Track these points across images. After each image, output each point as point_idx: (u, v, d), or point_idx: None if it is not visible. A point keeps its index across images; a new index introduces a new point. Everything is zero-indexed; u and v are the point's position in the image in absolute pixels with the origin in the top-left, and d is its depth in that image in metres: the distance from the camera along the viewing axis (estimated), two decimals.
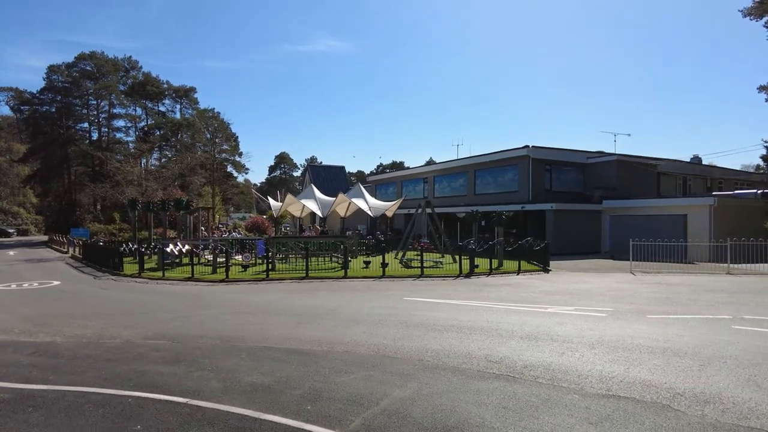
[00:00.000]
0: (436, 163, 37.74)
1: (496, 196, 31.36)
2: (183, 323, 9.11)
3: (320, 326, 8.64)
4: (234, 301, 11.85)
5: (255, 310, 10.44)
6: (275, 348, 7.13)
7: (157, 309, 10.82)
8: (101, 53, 50.66)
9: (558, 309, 10.23)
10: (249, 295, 13.06)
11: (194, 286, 15.26)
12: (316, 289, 14.11)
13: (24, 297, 13.05)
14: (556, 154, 30.43)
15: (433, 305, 10.83)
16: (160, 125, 52.86)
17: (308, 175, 57.33)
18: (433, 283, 15.03)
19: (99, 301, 12.16)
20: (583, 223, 28.11)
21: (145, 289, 14.69)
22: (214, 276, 17.05)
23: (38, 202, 60.51)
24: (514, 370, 6.01)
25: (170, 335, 8.06)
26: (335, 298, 12.18)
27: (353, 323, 8.86)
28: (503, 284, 14.63)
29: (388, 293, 12.86)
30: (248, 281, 16.05)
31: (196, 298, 12.41)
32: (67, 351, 7.08)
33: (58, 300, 12.43)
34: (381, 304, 10.97)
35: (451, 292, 12.92)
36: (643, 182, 31.44)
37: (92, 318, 9.78)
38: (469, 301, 11.43)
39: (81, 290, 14.43)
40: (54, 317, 9.93)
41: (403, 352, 6.86)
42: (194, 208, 24.39)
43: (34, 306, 11.45)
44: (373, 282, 15.53)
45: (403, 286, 14.48)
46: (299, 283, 15.66)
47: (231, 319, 9.41)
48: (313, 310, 10.36)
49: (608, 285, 14.30)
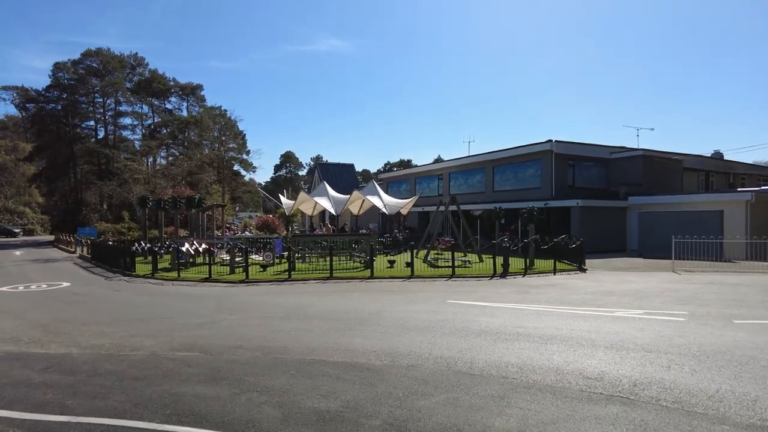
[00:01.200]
0: (451, 160, 36.62)
1: (516, 193, 30.27)
2: (211, 330, 8.11)
3: (367, 334, 7.62)
4: (261, 304, 10.84)
5: (287, 315, 9.43)
6: (326, 362, 6.11)
7: (179, 313, 9.83)
8: (107, 50, 49.84)
9: (626, 313, 9.17)
10: (274, 297, 12.06)
11: (213, 287, 14.28)
12: (345, 290, 13.10)
13: (32, 300, 12.09)
14: (578, 149, 29.32)
15: (484, 310, 9.79)
16: (167, 123, 51.97)
17: (317, 172, 56.39)
18: (469, 284, 13.99)
19: (113, 305, 11.18)
20: (608, 220, 27.01)
21: (160, 291, 13.71)
22: (232, 276, 16.06)
23: (44, 202, 59.77)
24: (624, 390, 4.98)
25: (200, 345, 7.05)
26: (370, 300, 11.16)
27: (403, 330, 7.84)
28: (546, 285, 13.57)
29: (426, 295, 11.82)
30: (269, 282, 15.04)
31: (219, 301, 11.41)
32: (86, 365, 6.09)
33: (69, 303, 11.46)
34: (424, 308, 9.94)
35: (495, 295, 11.87)
36: (668, 178, 30.28)
37: (108, 324, 8.79)
38: (520, 304, 10.38)
39: (92, 292, 13.47)
40: (66, 323, 8.95)
41: (479, 367, 5.83)
42: (207, 205, 23.42)
43: (44, 310, 10.48)
44: (404, 283, 14.51)
45: (437, 287, 13.44)
46: (324, 283, 14.65)
47: (264, 326, 8.40)
48: (351, 314, 9.34)
49: (659, 285, 13.22)
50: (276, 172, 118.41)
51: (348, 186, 49.22)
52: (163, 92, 55.92)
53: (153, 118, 55.99)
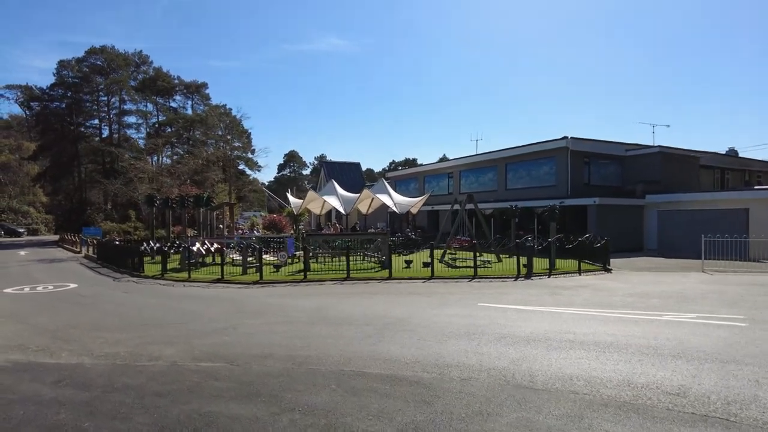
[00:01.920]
0: (462, 157, 35.95)
1: (530, 191, 29.60)
2: (233, 337, 7.50)
3: (404, 341, 6.99)
4: (281, 307, 10.23)
5: (311, 319, 8.82)
6: (368, 374, 5.49)
7: (195, 317, 9.22)
8: (111, 47, 49.30)
9: (676, 317, 8.52)
10: (294, 299, 11.44)
11: (226, 288, 13.68)
12: (366, 292, 12.47)
13: (39, 303, 11.51)
14: (594, 146, 28.63)
15: (522, 314, 9.15)
16: (172, 121, 51.42)
17: (323, 171, 55.77)
18: (495, 286, 13.34)
19: (124, 308, 10.59)
20: (624, 219, 26.32)
21: (172, 293, 13.12)
22: (245, 277, 15.46)
23: (48, 201, 59.38)
24: (717, 409, 4.35)
25: (224, 354, 6.44)
26: (395, 303, 10.54)
27: (443, 337, 7.21)
28: (576, 286, 12.92)
29: (454, 298, 11.19)
30: (285, 283, 14.43)
31: (236, 304, 10.81)
32: (101, 378, 5.48)
33: (77, 306, 10.88)
34: (456, 312, 9.31)
35: (526, 297, 11.23)
36: (685, 176, 29.59)
37: (121, 330, 8.19)
38: (556, 307, 9.74)
39: (101, 294, 12.89)
40: (76, 329, 8.35)
41: (541, 380, 5.20)
42: (217, 204, 22.83)
43: (52, 314, 9.89)
44: (425, 284, 13.87)
45: (462, 289, 12.80)
46: (342, 284, 14.03)
47: (289, 332, 7.78)
48: (381, 318, 8.72)
49: (697, 286, 12.55)
50: (280, 172, 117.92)
51: (354, 185, 48.57)
52: (168, 90, 55.38)
53: (157, 116, 55.49)
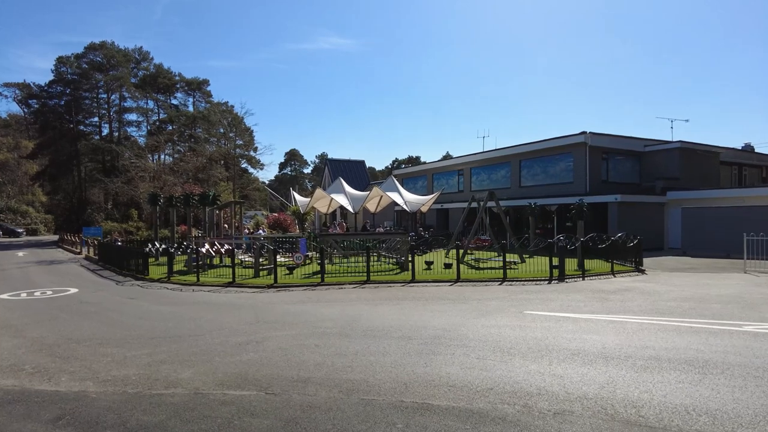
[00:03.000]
0: (473, 154, 34.95)
1: (545, 188, 28.60)
2: (260, 353, 6.50)
3: (462, 360, 5.99)
4: (305, 316, 9.22)
5: (343, 330, 7.82)
6: (436, 407, 4.48)
7: (212, 328, 8.22)
8: (111, 43, 48.20)
9: (758, 327, 7.53)
10: (316, 305, 10.44)
11: (239, 293, 12.68)
12: (392, 297, 11.47)
13: (36, 311, 10.51)
14: (612, 142, 27.65)
15: (578, 323, 8.15)
16: (173, 118, 50.34)
17: (327, 169, 54.76)
18: (531, 290, 12.35)
19: (131, 317, 9.58)
20: (645, 217, 25.33)
21: (181, 298, 12.11)
22: (258, 280, 14.46)
23: (47, 201, 58.34)
24: None
25: (254, 378, 5.45)
26: (431, 311, 9.54)
27: (504, 355, 6.21)
28: (620, 290, 11.92)
29: (493, 304, 10.19)
30: (301, 287, 13.43)
31: (254, 312, 9.81)
32: (110, 414, 4.48)
33: (79, 315, 9.87)
34: (504, 322, 8.31)
35: (573, 303, 10.23)
36: (705, 172, 28.62)
37: (130, 344, 7.19)
38: (612, 315, 8.75)
39: (104, 300, 11.88)
40: (78, 344, 7.35)
41: (652, 414, 4.19)
42: (224, 203, 21.82)
43: (50, 325, 8.89)
44: (453, 288, 12.88)
45: (496, 293, 11.81)
46: (362, 288, 13.03)
47: (323, 346, 6.79)
48: (422, 330, 7.73)
49: (751, 289, 11.57)
50: (281, 170, 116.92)
51: (359, 183, 47.58)
52: (169, 87, 54.32)
53: (158, 114, 54.46)
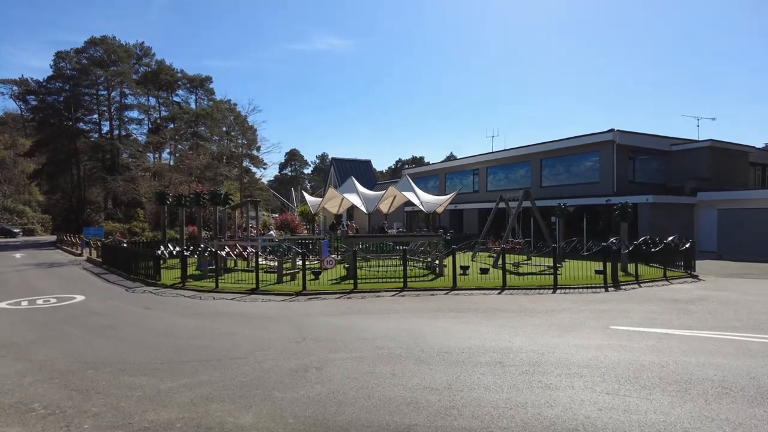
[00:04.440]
0: (489, 153, 33.76)
1: (568, 188, 27.42)
2: (327, 386, 5.20)
3: (585, 395, 4.71)
4: (357, 331, 7.90)
5: (412, 352, 6.51)
6: None
7: (255, 348, 6.91)
8: (112, 38, 46.72)
9: None
10: (363, 319, 9.12)
11: (267, 302, 11.36)
12: (443, 308, 10.16)
13: (41, 324, 9.16)
14: (640, 140, 26.54)
15: (689, 342, 6.88)
16: (176, 116, 48.87)
17: (333, 169, 53.47)
18: (593, 299, 11.09)
19: (152, 333, 8.24)
20: (674, 219, 24.18)
21: (204, 308, 10.76)
22: (282, 287, 13.14)
23: (44, 200, 56.76)
24: None
25: (339, 426, 4.14)
26: (500, 326, 8.26)
27: (635, 387, 4.91)
28: (693, 299, 10.68)
29: (566, 318, 8.91)
30: (333, 294, 12.12)
31: (295, 326, 8.48)
32: None
33: (91, 330, 8.52)
34: (599, 342, 7.04)
35: (654, 315, 8.97)
36: (734, 172, 27.54)
37: (161, 371, 5.88)
38: (718, 332, 7.50)
39: (117, 311, 10.53)
40: (97, 370, 6.03)
41: None
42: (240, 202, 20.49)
43: (59, 343, 7.55)
44: (502, 297, 11.61)
45: (560, 303, 10.54)
46: (402, 297, 11.73)
47: (403, 376, 5.48)
48: (509, 353, 6.45)
49: None
50: (281, 171, 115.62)
51: (366, 183, 46.21)
52: (170, 84, 52.89)
53: (159, 111, 53.00)
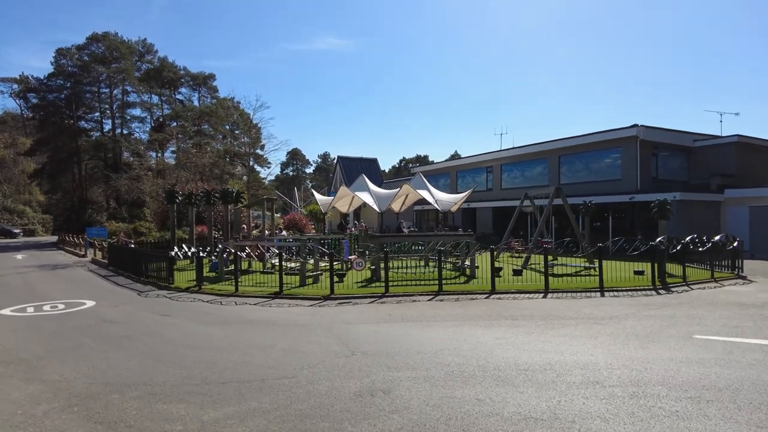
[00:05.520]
0: (504, 150, 32.87)
1: (588, 186, 26.48)
2: (407, 417, 4.28)
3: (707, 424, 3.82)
4: (410, 343, 6.96)
5: (490, 370, 5.60)
6: None
7: (300, 365, 6.00)
8: (115, 34, 45.75)
9: None
10: (408, 327, 8.17)
11: (294, 307, 10.44)
12: (495, 315, 9.24)
13: (51, 334, 8.24)
14: (663, 136, 25.63)
15: None
16: (179, 114, 47.90)
17: (339, 167, 52.55)
18: (651, 303, 10.17)
19: (178, 346, 7.28)
20: (700, 217, 23.29)
21: (228, 315, 9.82)
22: (305, 290, 12.22)
23: (45, 200, 55.81)
24: None
25: None
26: (567, 335, 7.35)
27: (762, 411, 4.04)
28: (759, 303, 9.78)
29: (635, 325, 8.00)
30: (363, 298, 11.20)
31: (336, 336, 7.56)
32: None
33: (108, 342, 7.60)
34: (695, 355, 6.12)
35: (732, 322, 8.06)
36: (761, 168, 26.66)
37: (199, 396, 4.96)
38: None
39: (132, 319, 9.60)
40: (122, 394, 5.12)
41: None
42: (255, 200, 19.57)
43: (74, 359, 6.63)
44: (551, 301, 10.70)
45: (617, 309, 9.62)
46: (441, 301, 10.81)
47: (492, 403, 4.58)
48: (601, 370, 5.54)
49: None
50: (282, 170, 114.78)
51: (373, 182, 45.33)
52: (173, 82, 51.94)
53: (162, 109, 52.05)
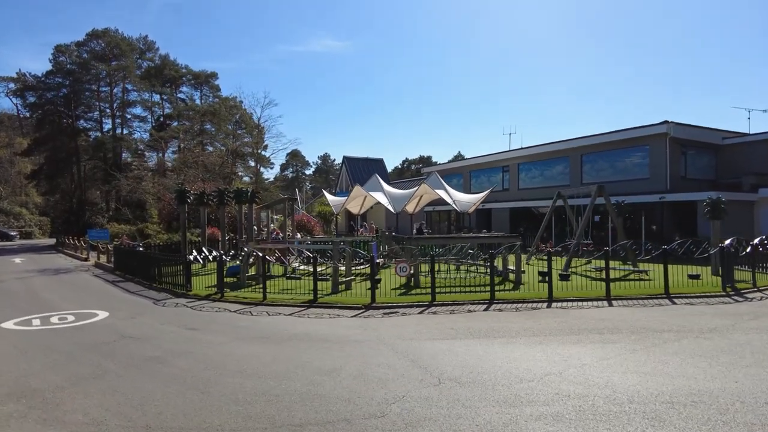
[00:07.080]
0: (522, 148, 31.84)
1: (613, 185, 25.34)
2: None
3: None
4: (498, 367, 5.79)
5: (620, 404, 4.47)
6: None
7: (386, 398, 4.84)
8: (115, 30, 44.48)
9: None
10: (485, 345, 6.98)
11: (336, 318, 9.25)
12: (575, 329, 8.06)
13: (64, 356, 7.01)
14: (692, 133, 24.64)
15: None
16: (181, 113, 46.62)
17: (345, 168, 51.45)
18: (738, 312, 9.05)
19: (221, 372, 6.00)
20: (733, 218, 22.21)
21: (264, 328, 8.59)
22: (340, 297, 11.04)
23: (42, 202, 54.37)
24: None
25: None
26: (670, 354, 6.22)
27: None
28: None
29: (743, 339, 6.86)
30: (409, 307, 10.01)
31: (402, 356, 6.38)
32: None
33: (133, 366, 6.36)
34: None
35: None
36: None
37: None
38: None
39: (154, 333, 8.38)
40: None
41: None
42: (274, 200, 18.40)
43: (97, 390, 5.42)
44: (619, 310, 9.56)
45: (706, 320, 8.48)
46: (498, 312, 9.63)
47: None
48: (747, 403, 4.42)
49: None
50: (282, 171, 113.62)
51: None
52: (175, 80, 50.69)
53: (163, 108, 50.79)
